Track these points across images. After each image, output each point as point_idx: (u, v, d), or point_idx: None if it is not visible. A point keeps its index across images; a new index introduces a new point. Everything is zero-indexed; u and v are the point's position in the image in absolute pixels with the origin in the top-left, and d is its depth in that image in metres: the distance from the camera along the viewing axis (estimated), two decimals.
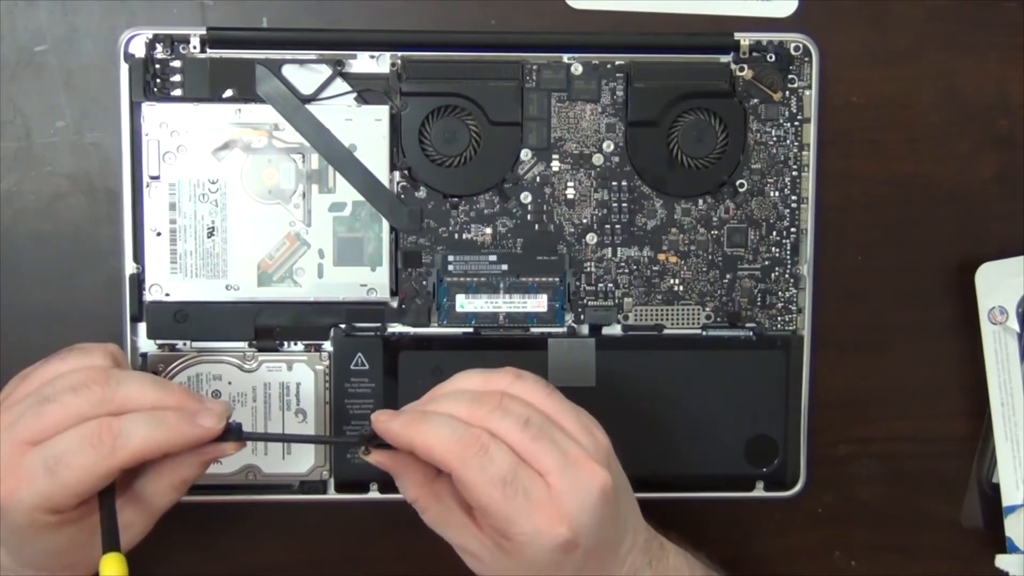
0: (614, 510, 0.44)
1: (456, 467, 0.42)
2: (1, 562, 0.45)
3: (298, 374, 0.53)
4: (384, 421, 0.44)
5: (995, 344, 0.55)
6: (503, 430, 0.43)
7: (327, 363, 0.53)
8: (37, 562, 0.45)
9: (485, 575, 0.45)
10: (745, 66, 0.54)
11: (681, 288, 0.55)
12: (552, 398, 0.45)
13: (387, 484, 0.54)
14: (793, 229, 0.55)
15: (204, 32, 0.52)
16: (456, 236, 0.54)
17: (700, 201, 0.54)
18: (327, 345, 0.53)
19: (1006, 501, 0.55)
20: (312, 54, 0.52)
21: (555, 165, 0.54)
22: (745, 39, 0.53)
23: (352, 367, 0.53)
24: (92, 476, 0.42)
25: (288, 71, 0.52)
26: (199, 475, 0.45)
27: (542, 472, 0.43)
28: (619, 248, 0.54)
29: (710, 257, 0.55)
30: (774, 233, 0.55)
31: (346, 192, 0.53)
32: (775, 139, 0.54)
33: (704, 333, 0.55)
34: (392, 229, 0.53)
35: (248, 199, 0.52)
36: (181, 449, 0.43)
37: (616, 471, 0.45)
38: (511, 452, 0.43)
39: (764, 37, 0.54)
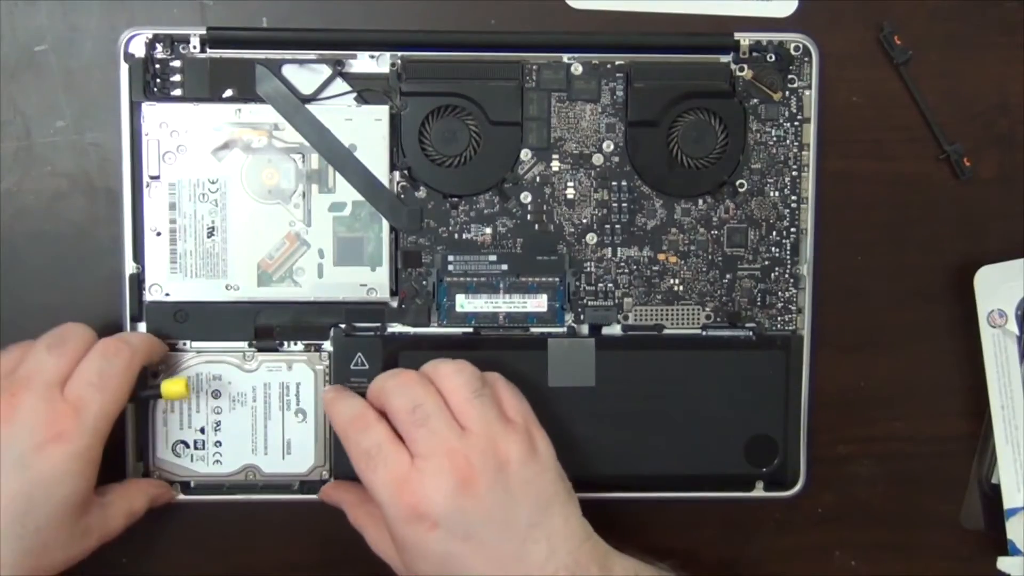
0: (478, 506, 0.46)
1: (341, 439, 0.49)
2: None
3: (298, 374, 0.53)
4: (326, 393, 0.51)
5: (994, 347, 0.55)
6: (393, 408, 0.48)
7: (327, 363, 0.53)
8: (46, 544, 0.46)
9: None
10: (745, 66, 0.54)
11: (681, 288, 0.55)
12: (471, 402, 0.48)
13: None
14: (793, 229, 0.55)
15: (204, 32, 0.52)
16: (456, 236, 0.54)
17: (700, 201, 0.54)
18: (327, 345, 0.53)
19: (1007, 503, 0.55)
20: (312, 54, 0.52)
21: (555, 165, 0.54)
22: (745, 39, 0.54)
23: (352, 367, 0.53)
24: (128, 381, 0.49)
25: (288, 71, 0.52)
26: (143, 510, 0.51)
27: (413, 454, 0.47)
28: (619, 248, 0.54)
29: (710, 257, 0.55)
30: (774, 233, 0.55)
31: (346, 192, 0.53)
32: (775, 139, 0.54)
33: (704, 333, 0.55)
34: (392, 229, 0.53)
35: (248, 199, 0.52)
36: (157, 355, 0.52)
37: (514, 482, 0.47)
38: (387, 430, 0.48)
39: (764, 37, 0.54)
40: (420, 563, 0.47)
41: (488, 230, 0.54)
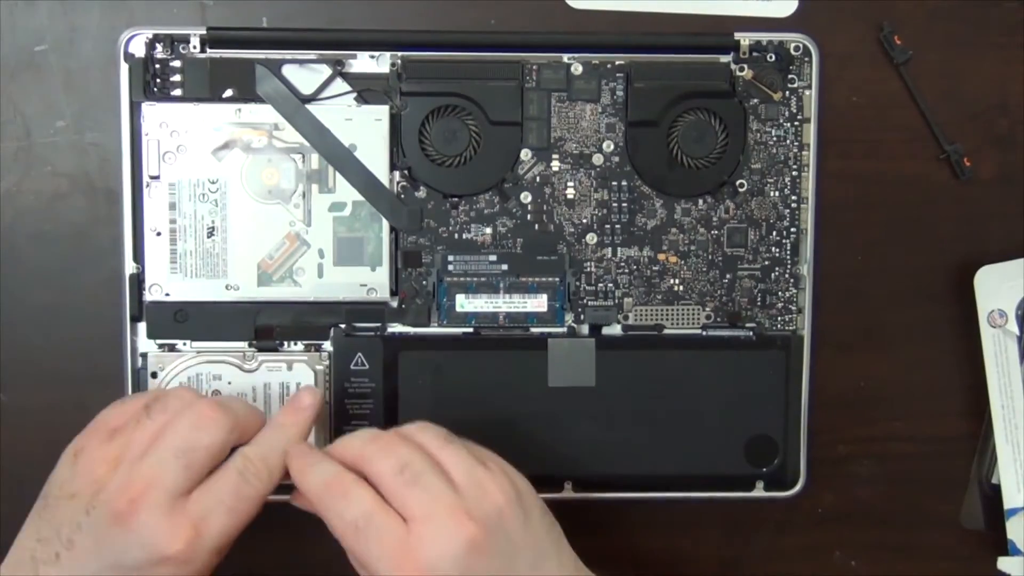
0: (489, 564, 0.43)
1: (320, 511, 0.44)
2: None
3: (298, 374, 0.53)
4: (289, 454, 0.46)
5: (995, 347, 0.55)
6: (376, 472, 0.44)
7: (327, 363, 0.53)
8: None
9: None
10: (745, 66, 0.54)
11: (681, 288, 0.55)
12: (447, 449, 0.45)
13: None
14: (793, 229, 0.55)
15: (204, 32, 0.52)
16: (456, 236, 0.54)
17: (700, 201, 0.54)
18: (327, 345, 0.53)
19: (1007, 504, 0.55)
20: (312, 54, 0.52)
21: (555, 165, 0.54)
22: (745, 39, 0.53)
23: (352, 367, 0.53)
24: (262, 501, 0.45)
25: (288, 71, 0.52)
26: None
27: (407, 518, 0.43)
28: (619, 248, 0.54)
29: (710, 257, 0.55)
30: (774, 233, 0.55)
31: (346, 192, 0.53)
32: (775, 139, 0.54)
33: (704, 333, 0.55)
34: (392, 229, 0.53)
35: (248, 199, 0.52)
36: (305, 435, 0.47)
37: (512, 529, 0.44)
38: (372, 497, 0.44)
39: (764, 37, 0.54)
40: None
41: (488, 230, 0.54)
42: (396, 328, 0.54)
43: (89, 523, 0.43)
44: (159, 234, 0.52)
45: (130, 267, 0.52)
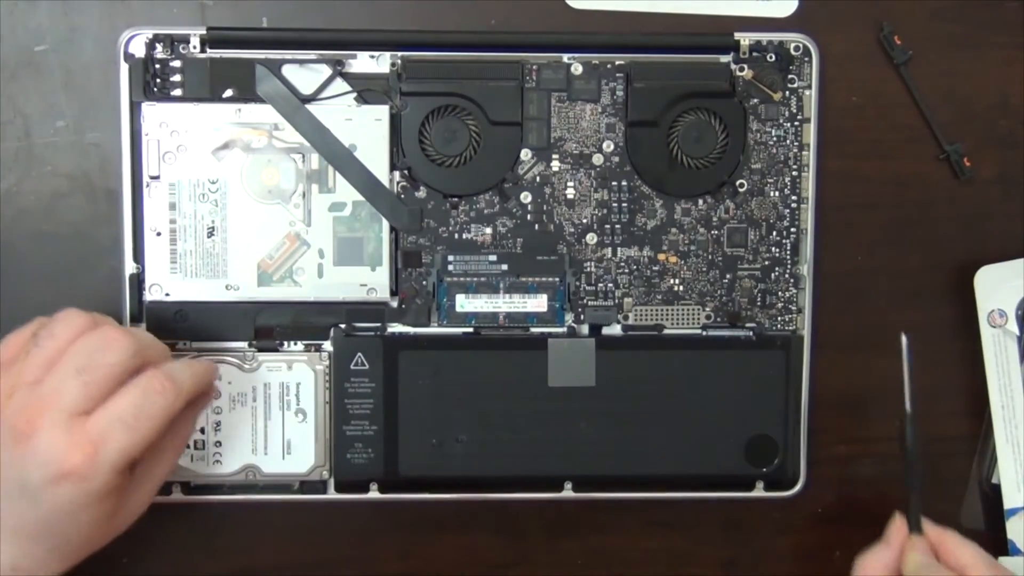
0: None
1: None
2: (12, 562, 0.45)
3: (298, 374, 0.53)
4: None
5: (995, 347, 0.55)
6: None
7: (327, 363, 0.53)
8: (78, 535, 0.45)
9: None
10: (745, 66, 0.54)
11: (681, 288, 0.55)
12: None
13: (387, 484, 0.54)
14: (793, 229, 0.55)
15: (204, 32, 0.52)
16: (456, 236, 0.54)
17: (700, 201, 0.54)
18: (327, 345, 0.53)
19: (1008, 504, 0.55)
20: (312, 54, 0.52)
21: (555, 165, 0.54)
22: (745, 39, 0.53)
23: (352, 367, 0.53)
24: (163, 423, 0.45)
25: (288, 71, 0.52)
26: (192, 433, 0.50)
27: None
28: (619, 248, 0.54)
29: (710, 257, 0.55)
30: (774, 233, 0.55)
31: (346, 192, 0.53)
32: (775, 139, 0.54)
33: (704, 333, 0.55)
34: (392, 229, 0.53)
35: (248, 199, 0.52)
36: (204, 389, 0.48)
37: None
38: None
39: (764, 37, 0.54)
40: None
41: (488, 230, 0.54)
42: (396, 328, 0.54)
43: None
44: (159, 234, 0.52)
45: (130, 267, 0.52)
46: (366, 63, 0.53)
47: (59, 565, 0.45)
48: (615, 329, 0.55)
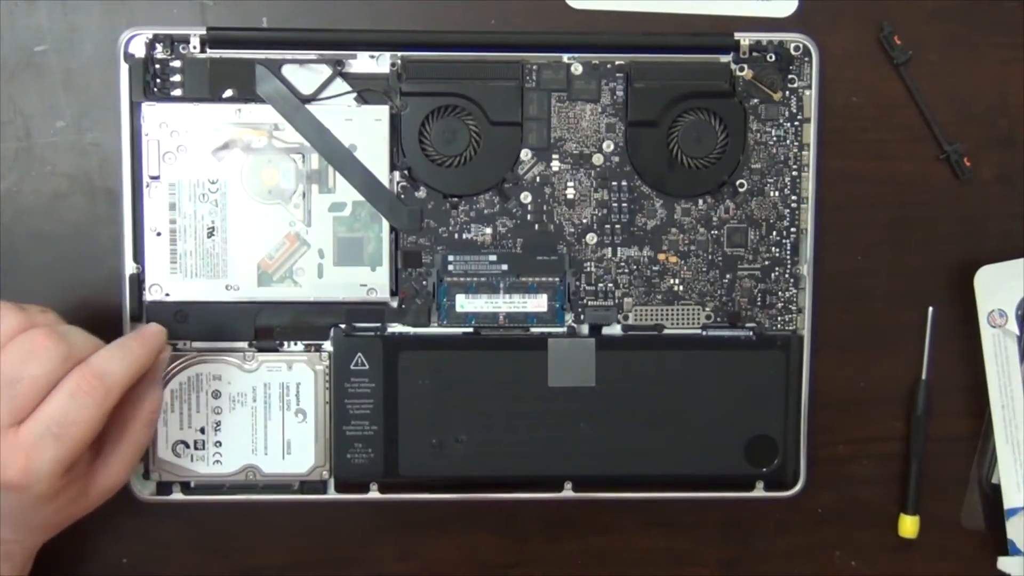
0: None
1: None
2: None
3: (298, 374, 0.53)
4: None
5: (995, 347, 0.55)
6: None
7: (327, 363, 0.53)
8: (45, 522, 0.46)
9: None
10: (745, 66, 0.54)
11: (681, 288, 0.55)
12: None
13: (387, 484, 0.54)
14: (793, 229, 0.55)
15: (204, 32, 0.52)
16: (456, 236, 0.54)
17: (700, 201, 0.54)
18: (327, 345, 0.53)
19: (1007, 503, 0.55)
20: (312, 54, 0.52)
21: (555, 165, 0.54)
22: (745, 39, 0.53)
23: (352, 367, 0.53)
24: (96, 422, 0.44)
25: (288, 71, 0.52)
26: (161, 399, 0.49)
27: None
28: (619, 248, 0.54)
29: (710, 257, 0.55)
30: (774, 233, 0.55)
31: (346, 192, 0.53)
32: (775, 139, 0.54)
33: (704, 333, 0.55)
34: (392, 229, 0.53)
35: (248, 199, 0.52)
36: (148, 365, 0.47)
37: None
38: None
39: (764, 37, 0.54)
40: None
41: (488, 230, 0.54)
42: (396, 328, 0.54)
43: None
44: (159, 234, 0.52)
45: (130, 267, 0.52)
46: (366, 63, 0.53)
47: (32, 542, 0.47)
48: (615, 329, 0.55)
